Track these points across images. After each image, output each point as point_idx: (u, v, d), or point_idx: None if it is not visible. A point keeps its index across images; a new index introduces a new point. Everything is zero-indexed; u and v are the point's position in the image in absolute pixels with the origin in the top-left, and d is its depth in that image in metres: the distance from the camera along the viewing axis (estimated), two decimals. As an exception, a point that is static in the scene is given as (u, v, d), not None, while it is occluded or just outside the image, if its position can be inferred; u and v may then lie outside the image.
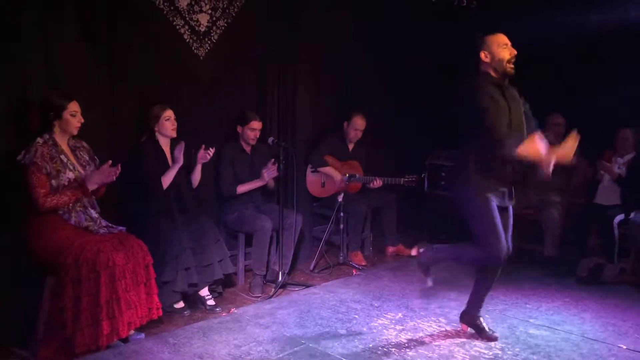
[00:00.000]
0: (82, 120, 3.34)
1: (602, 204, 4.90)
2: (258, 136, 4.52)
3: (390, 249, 5.45)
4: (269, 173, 4.42)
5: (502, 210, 3.24)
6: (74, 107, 3.30)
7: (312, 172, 5.19)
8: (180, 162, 3.91)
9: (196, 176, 4.11)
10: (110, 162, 3.29)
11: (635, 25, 4.80)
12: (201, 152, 4.03)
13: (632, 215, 4.49)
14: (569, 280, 4.55)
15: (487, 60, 3.20)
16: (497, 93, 3.13)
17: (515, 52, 3.17)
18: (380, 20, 5.59)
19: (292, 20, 4.91)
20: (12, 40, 3.41)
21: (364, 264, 5.06)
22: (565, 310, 3.93)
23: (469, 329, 3.51)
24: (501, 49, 3.17)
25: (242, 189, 4.45)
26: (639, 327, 3.63)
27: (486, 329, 3.44)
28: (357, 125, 5.19)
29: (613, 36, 5.01)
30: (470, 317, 3.48)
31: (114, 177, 3.32)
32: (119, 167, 3.31)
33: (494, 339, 3.40)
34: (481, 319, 3.46)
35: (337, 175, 5.10)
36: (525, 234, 5.06)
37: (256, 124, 4.47)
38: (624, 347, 3.33)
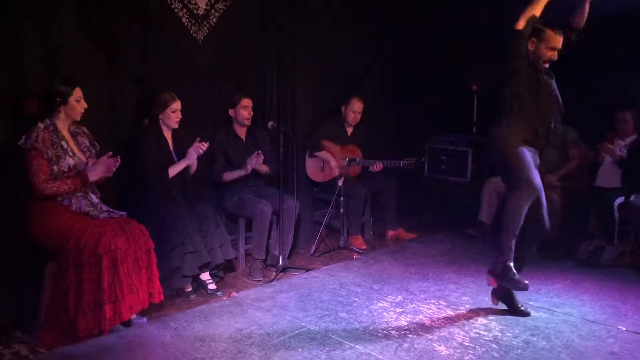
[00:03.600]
0: (86, 106, 3.35)
1: (602, 187, 4.88)
2: (252, 114, 4.49)
3: (391, 233, 5.46)
4: (252, 164, 4.32)
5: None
6: (78, 93, 3.32)
7: (310, 157, 5.18)
8: (191, 160, 3.90)
9: (192, 167, 4.06)
10: (110, 153, 3.30)
11: (635, 7, 4.76)
12: (194, 144, 3.92)
13: (632, 198, 4.49)
14: (568, 263, 4.57)
15: (531, 48, 3.33)
16: (532, 76, 3.34)
17: (555, 59, 3.32)
18: (383, 6, 5.54)
19: (291, 3, 4.87)
20: (9, 26, 3.39)
21: (364, 247, 5.07)
22: (565, 292, 3.95)
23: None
24: (547, 50, 3.30)
25: (228, 177, 4.42)
26: (638, 309, 3.64)
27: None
28: (355, 107, 5.18)
29: (613, 18, 4.98)
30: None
31: (114, 169, 3.32)
32: (119, 159, 3.31)
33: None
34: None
35: (333, 160, 5.09)
36: (526, 217, 5.05)
37: (247, 102, 4.44)
38: (623, 328, 3.35)
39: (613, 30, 5.12)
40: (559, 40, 3.31)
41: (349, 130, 5.31)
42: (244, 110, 4.44)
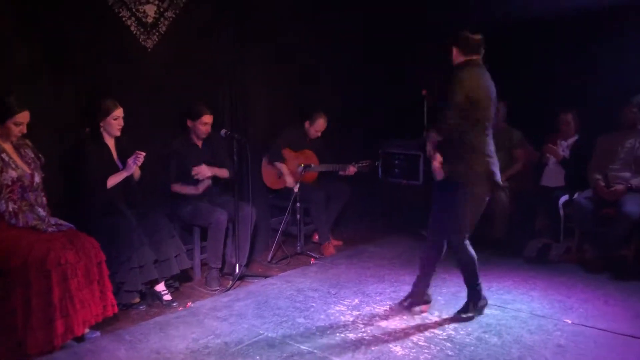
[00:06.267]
0: (25, 131, 3.26)
1: (548, 186, 5.07)
2: (210, 131, 4.44)
3: (317, 237, 5.39)
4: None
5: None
6: (22, 118, 3.21)
7: (268, 164, 5.17)
8: (130, 172, 3.80)
9: (135, 174, 3.95)
10: None
11: (574, 10, 4.97)
12: (134, 154, 3.77)
13: (575, 195, 4.67)
14: (518, 260, 4.71)
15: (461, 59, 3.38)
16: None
17: None
18: (333, 9, 5.60)
19: (242, 11, 4.87)
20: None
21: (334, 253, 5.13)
22: (515, 289, 4.08)
23: (428, 308, 3.70)
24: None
25: (177, 189, 4.36)
26: (583, 302, 3.80)
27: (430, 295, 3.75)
28: (320, 126, 5.22)
29: (553, 20, 5.19)
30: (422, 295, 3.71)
31: None
32: None
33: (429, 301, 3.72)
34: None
35: (288, 175, 5.10)
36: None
37: (208, 118, 4.38)
38: (569, 321, 3.48)
39: (554, 34, 5.33)
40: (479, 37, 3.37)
41: (309, 138, 5.34)
42: (203, 126, 4.37)
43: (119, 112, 3.81)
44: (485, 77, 3.35)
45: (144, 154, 3.76)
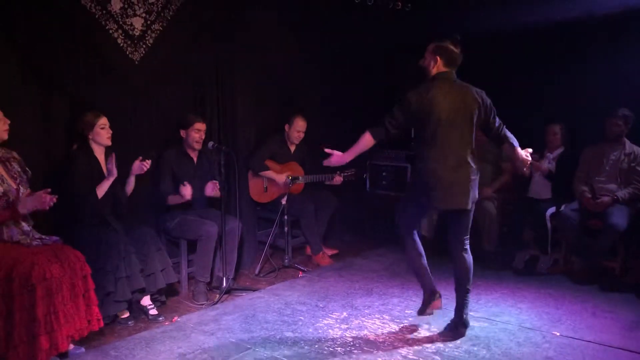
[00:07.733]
0: (9, 122, 3.23)
1: (534, 198, 5.09)
2: (204, 138, 4.44)
3: (310, 250, 5.38)
4: (187, 191, 4.20)
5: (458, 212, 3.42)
6: None
7: (253, 178, 5.15)
8: (114, 175, 3.76)
9: (129, 187, 3.97)
10: (49, 190, 3.12)
11: (561, 22, 5.02)
12: (137, 163, 3.88)
13: (562, 208, 4.70)
14: (506, 272, 4.72)
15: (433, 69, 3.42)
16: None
17: None
18: (317, 21, 5.62)
19: (228, 23, 4.87)
20: None
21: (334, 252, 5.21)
22: (503, 301, 4.08)
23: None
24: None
25: (172, 200, 4.31)
26: (571, 314, 3.81)
27: None
28: (299, 126, 5.20)
29: (539, 33, 5.24)
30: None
31: (47, 207, 3.12)
32: (55, 198, 3.14)
33: None
34: None
35: (280, 178, 5.09)
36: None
37: (200, 125, 4.40)
38: (558, 333, 3.49)
39: (539, 45, 5.38)
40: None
41: (292, 147, 5.32)
42: (196, 133, 4.38)
43: (103, 121, 3.79)
44: (450, 91, 3.30)
45: (149, 162, 3.82)
